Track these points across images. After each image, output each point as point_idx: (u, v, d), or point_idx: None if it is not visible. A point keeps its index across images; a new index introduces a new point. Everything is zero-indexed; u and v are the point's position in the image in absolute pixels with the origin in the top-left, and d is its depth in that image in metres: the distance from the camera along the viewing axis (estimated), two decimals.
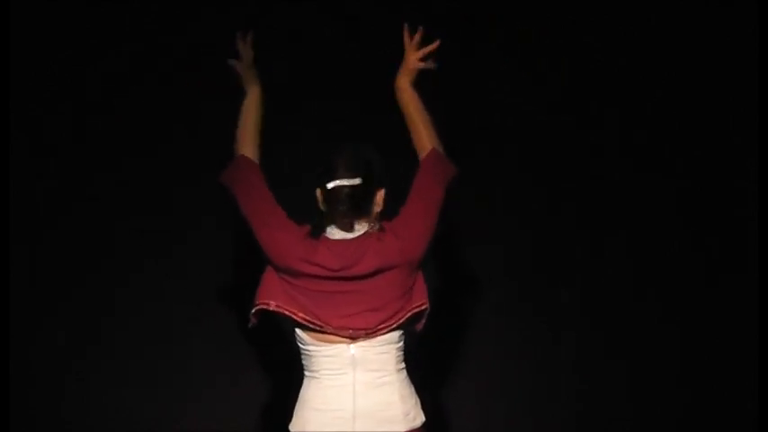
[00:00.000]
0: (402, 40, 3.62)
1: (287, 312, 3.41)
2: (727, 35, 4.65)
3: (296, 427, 3.46)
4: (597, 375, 4.67)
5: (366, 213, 3.46)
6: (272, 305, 3.43)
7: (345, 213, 3.43)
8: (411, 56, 3.60)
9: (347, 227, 3.44)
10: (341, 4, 4.63)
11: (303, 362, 3.50)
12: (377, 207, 3.47)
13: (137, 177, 4.61)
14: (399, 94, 3.61)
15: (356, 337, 3.41)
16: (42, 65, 4.58)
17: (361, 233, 3.45)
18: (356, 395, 3.41)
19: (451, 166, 3.57)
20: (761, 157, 4.43)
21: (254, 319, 3.47)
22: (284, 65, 4.50)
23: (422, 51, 3.60)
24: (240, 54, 3.64)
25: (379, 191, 3.47)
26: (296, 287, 3.42)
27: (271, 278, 3.46)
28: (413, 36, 3.61)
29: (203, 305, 4.60)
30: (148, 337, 4.60)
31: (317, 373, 3.45)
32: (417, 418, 3.47)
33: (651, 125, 4.70)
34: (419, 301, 3.46)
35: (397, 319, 3.43)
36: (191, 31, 4.60)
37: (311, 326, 3.41)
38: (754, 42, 4.50)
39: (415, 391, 3.50)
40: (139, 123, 4.61)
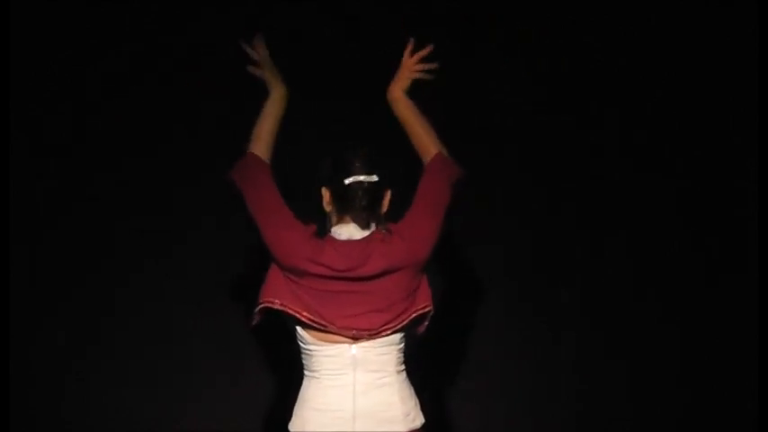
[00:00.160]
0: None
1: (291, 311, 3.41)
2: (727, 35, 4.65)
3: (295, 427, 3.46)
4: (597, 375, 4.67)
5: (377, 213, 3.47)
6: (276, 303, 3.42)
7: (364, 209, 3.43)
8: (407, 62, 3.60)
9: (363, 223, 3.44)
10: (341, 4, 4.63)
11: (303, 361, 3.49)
12: (383, 208, 3.48)
13: (137, 177, 4.61)
14: (395, 104, 3.59)
15: (359, 337, 3.41)
16: (42, 65, 4.58)
17: (367, 234, 3.45)
18: (356, 395, 3.41)
19: (457, 167, 3.56)
20: (761, 157, 4.43)
21: (257, 317, 3.47)
22: (284, 65, 4.50)
23: (417, 55, 3.59)
24: (253, 58, 3.63)
25: (387, 192, 3.48)
26: (301, 286, 3.42)
27: (275, 277, 3.45)
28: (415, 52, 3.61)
29: (203, 305, 4.60)
30: (148, 337, 4.60)
31: (317, 373, 3.45)
32: (417, 420, 3.47)
33: (651, 125, 4.70)
34: (423, 303, 3.46)
35: (400, 321, 3.42)
36: (191, 31, 4.60)
37: (315, 325, 3.40)
38: (754, 42, 4.50)
39: (414, 393, 3.49)
40: (139, 123, 4.61)
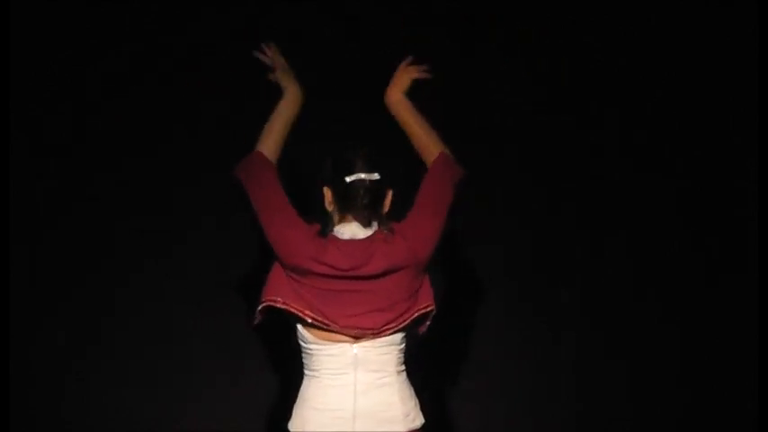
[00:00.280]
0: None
1: (294, 310, 3.41)
2: (728, 35, 4.65)
3: (295, 427, 3.46)
4: (597, 375, 4.67)
5: (379, 212, 3.47)
6: (279, 302, 3.42)
7: (365, 207, 3.43)
8: (405, 67, 3.61)
9: (365, 222, 3.44)
10: (341, 4, 4.62)
11: (304, 361, 3.49)
12: (385, 208, 3.48)
13: (137, 177, 4.61)
14: (395, 107, 3.59)
15: (362, 336, 3.41)
16: (42, 65, 4.58)
17: (370, 233, 3.45)
18: (357, 395, 3.41)
19: (459, 168, 3.57)
20: (761, 157, 4.43)
21: (259, 316, 3.47)
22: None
23: (407, 61, 3.61)
24: (270, 65, 3.63)
25: (389, 191, 3.48)
26: (303, 285, 3.42)
27: (278, 275, 3.45)
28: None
29: (203, 305, 4.59)
30: (148, 337, 4.60)
31: (317, 373, 3.45)
32: (417, 420, 3.47)
33: (651, 125, 4.69)
34: (425, 302, 3.46)
35: (402, 320, 3.43)
36: (191, 31, 4.60)
37: (318, 324, 3.41)
38: (754, 42, 4.50)
39: (414, 393, 3.49)
40: (139, 123, 4.61)
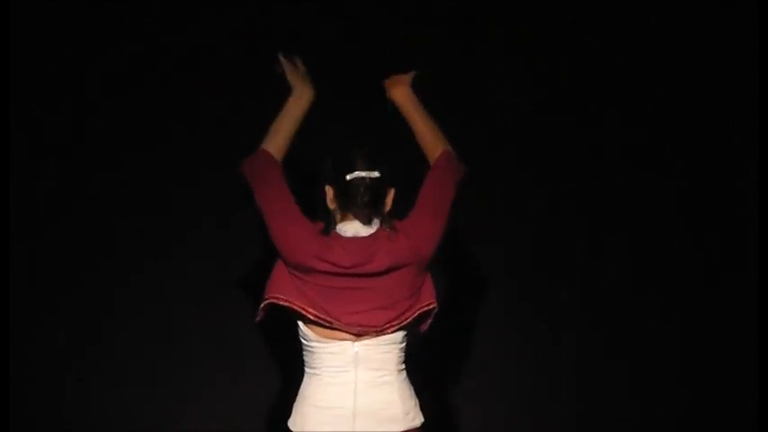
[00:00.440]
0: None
1: (296, 307, 3.41)
2: (728, 35, 4.65)
3: (295, 424, 3.45)
4: (597, 375, 4.67)
5: (380, 210, 3.47)
6: (282, 299, 3.42)
7: (366, 205, 3.43)
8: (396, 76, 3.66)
9: (366, 220, 3.44)
10: (341, 4, 4.62)
11: (305, 358, 3.49)
12: (386, 207, 3.48)
13: (137, 177, 4.61)
14: (402, 100, 3.61)
15: (364, 334, 3.41)
16: (42, 65, 4.58)
17: (373, 231, 3.45)
18: (357, 393, 3.41)
19: (462, 166, 3.59)
20: (761, 157, 4.43)
21: (262, 314, 3.47)
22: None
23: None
24: (288, 70, 3.65)
25: (391, 190, 3.49)
26: (306, 283, 3.42)
27: (281, 273, 3.46)
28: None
29: (203, 305, 4.59)
30: (148, 337, 4.60)
31: (318, 370, 3.45)
32: (417, 419, 3.47)
33: (651, 125, 4.69)
34: (427, 300, 3.47)
35: (405, 318, 3.43)
36: (191, 31, 4.60)
37: (320, 322, 3.41)
38: (754, 42, 4.50)
39: (414, 393, 3.50)
40: (139, 123, 4.61)
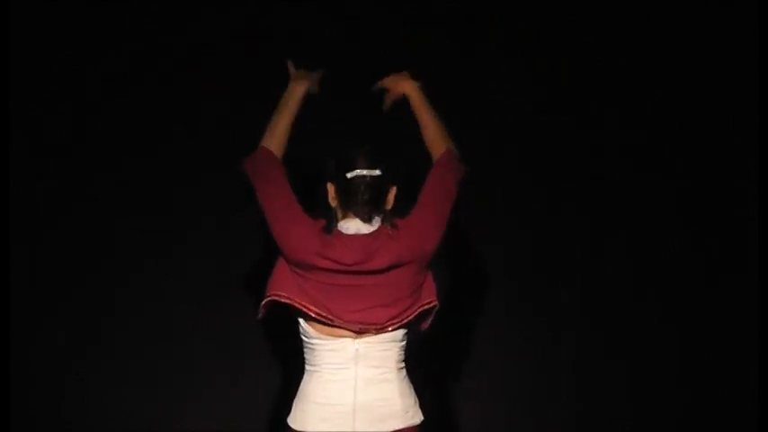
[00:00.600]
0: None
1: (298, 305, 3.41)
2: (728, 35, 4.65)
3: (295, 421, 3.45)
4: (597, 375, 4.67)
5: (381, 208, 3.47)
6: (283, 297, 3.42)
7: (366, 203, 3.44)
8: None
9: (366, 218, 3.45)
10: (341, 4, 4.62)
11: (305, 356, 3.49)
12: (388, 204, 3.49)
13: (137, 177, 4.61)
14: (411, 93, 3.63)
15: (365, 331, 3.41)
16: (42, 65, 4.58)
17: (374, 229, 3.45)
18: (357, 390, 3.41)
19: (463, 165, 3.60)
20: (761, 157, 4.43)
21: (263, 311, 3.47)
22: (284, 65, 4.50)
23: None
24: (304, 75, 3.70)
25: (392, 188, 3.49)
26: (308, 280, 3.42)
27: (282, 270, 3.46)
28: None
29: (203, 305, 4.59)
30: (148, 337, 4.60)
31: (318, 367, 3.45)
32: (416, 417, 3.47)
33: (651, 125, 4.69)
34: (428, 298, 3.47)
35: (406, 316, 3.43)
36: (191, 31, 4.60)
37: (321, 319, 3.41)
38: (754, 42, 4.50)
39: (414, 391, 3.50)
40: (139, 123, 4.61)
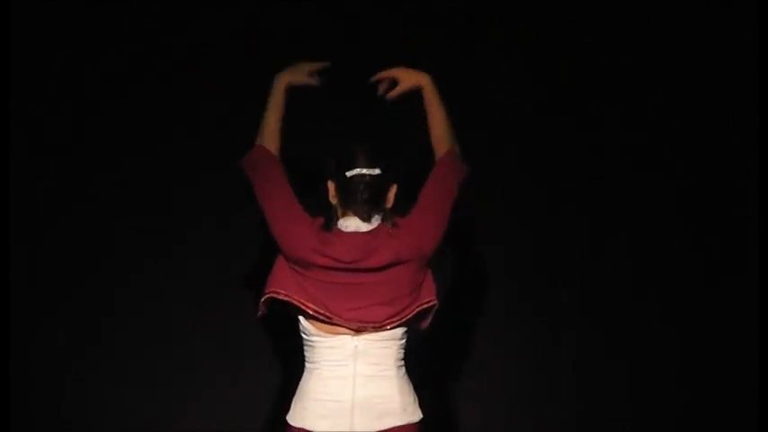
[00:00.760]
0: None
1: (296, 302, 3.42)
2: (728, 35, 4.65)
3: (294, 418, 3.46)
4: (597, 375, 4.66)
5: (380, 206, 3.47)
6: (281, 294, 3.43)
7: (365, 202, 3.45)
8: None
9: (365, 216, 3.45)
10: (341, 4, 4.62)
11: (305, 353, 3.50)
12: (388, 203, 3.49)
13: (137, 177, 4.61)
14: (426, 86, 3.62)
15: (363, 329, 3.42)
16: (42, 65, 4.58)
17: (374, 227, 3.46)
18: (356, 387, 3.42)
19: (465, 165, 3.61)
20: (761, 157, 4.43)
21: (263, 308, 3.47)
22: (285, 65, 4.49)
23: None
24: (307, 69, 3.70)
25: (392, 186, 3.49)
26: (307, 278, 3.43)
27: (282, 268, 3.47)
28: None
29: (203, 305, 4.59)
30: (148, 337, 4.60)
31: (317, 364, 3.46)
32: (415, 414, 3.48)
33: (651, 125, 4.69)
34: (427, 297, 3.47)
35: (405, 315, 3.44)
36: (191, 31, 4.60)
37: (320, 317, 3.42)
38: (754, 42, 4.50)
39: (413, 389, 3.50)
40: (139, 123, 4.61)
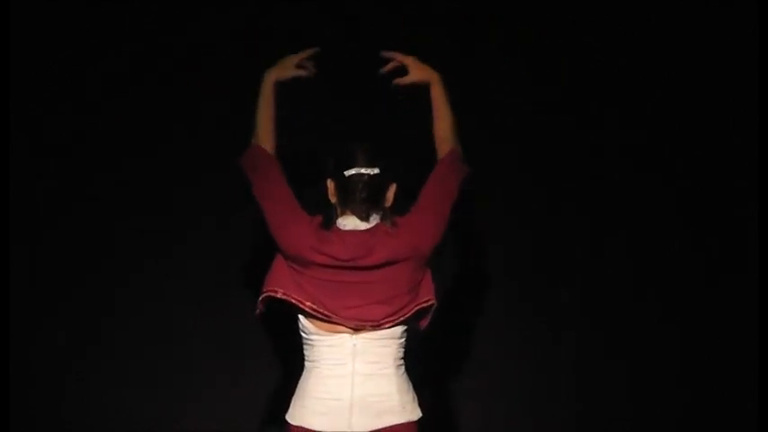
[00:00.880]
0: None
1: (294, 301, 3.42)
2: (728, 35, 4.65)
3: (293, 416, 3.46)
4: (597, 375, 4.66)
5: (379, 205, 3.47)
6: (279, 293, 3.44)
7: (363, 201, 3.45)
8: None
9: (363, 216, 3.46)
10: (341, 4, 4.62)
11: (305, 352, 3.51)
12: (387, 202, 3.49)
13: (137, 177, 4.61)
14: (436, 82, 3.61)
15: (361, 328, 3.42)
16: (42, 65, 4.58)
17: (372, 225, 3.46)
18: (354, 385, 3.42)
19: (466, 166, 3.61)
20: (761, 157, 4.43)
21: (261, 307, 3.47)
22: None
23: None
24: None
25: (392, 185, 3.50)
26: (304, 276, 3.43)
27: (280, 266, 3.47)
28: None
29: (203, 305, 4.59)
30: (148, 337, 4.60)
31: (316, 363, 3.46)
32: (414, 413, 3.47)
33: (651, 125, 4.69)
34: (426, 297, 3.47)
35: (402, 314, 3.44)
36: (191, 31, 4.60)
37: (318, 315, 3.42)
38: (754, 42, 4.50)
39: (412, 387, 3.50)
40: (139, 123, 4.61)
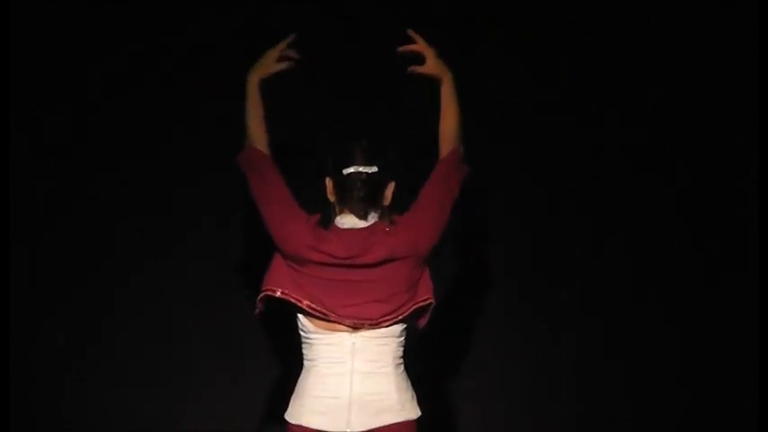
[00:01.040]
0: (401, 40, 3.62)
1: (292, 299, 3.43)
2: (728, 35, 4.65)
3: (292, 416, 3.46)
4: (597, 375, 4.67)
5: (377, 203, 3.47)
6: (277, 292, 3.44)
7: (361, 200, 3.45)
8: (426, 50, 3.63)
9: (361, 214, 3.46)
10: (341, 4, 4.63)
11: (304, 350, 3.51)
12: (386, 200, 3.49)
13: (137, 177, 4.61)
14: (446, 78, 3.60)
15: (359, 326, 3.42)
16: (42, 65, 4.58)
17: (370, 223, 3.46)
18: (353, 384, 3.42)
19: (466, 166, 3.62)
20: (761, 157, 4.43)
21: (260, 306, 3.48)
22: (284, 65, 4.49)
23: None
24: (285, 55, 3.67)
25: (390, 183, 3.50)
26: (303, 275, 3.43)
27: (278, 265, 3.48)
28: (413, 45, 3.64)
29: (203, 305, 4.59)
30: (148, 337, 4.60)
31: (315, 362, 3.46)
32: (412, 412, 3.47)
33: (651, 125, 4.69)
34: (424, 295, 3.48)
35: (401, 313, 3.44)
36: (191, 31, 4.60)
37: (316, 313, 3.42)
38: (754, 42, 4.50)
39: (411, 386, 3.50)
40: (139, 123, 4.61)
